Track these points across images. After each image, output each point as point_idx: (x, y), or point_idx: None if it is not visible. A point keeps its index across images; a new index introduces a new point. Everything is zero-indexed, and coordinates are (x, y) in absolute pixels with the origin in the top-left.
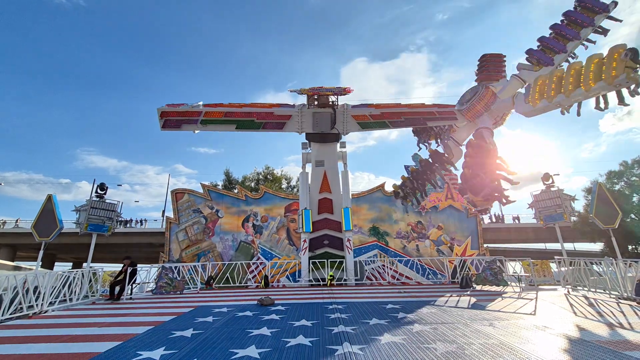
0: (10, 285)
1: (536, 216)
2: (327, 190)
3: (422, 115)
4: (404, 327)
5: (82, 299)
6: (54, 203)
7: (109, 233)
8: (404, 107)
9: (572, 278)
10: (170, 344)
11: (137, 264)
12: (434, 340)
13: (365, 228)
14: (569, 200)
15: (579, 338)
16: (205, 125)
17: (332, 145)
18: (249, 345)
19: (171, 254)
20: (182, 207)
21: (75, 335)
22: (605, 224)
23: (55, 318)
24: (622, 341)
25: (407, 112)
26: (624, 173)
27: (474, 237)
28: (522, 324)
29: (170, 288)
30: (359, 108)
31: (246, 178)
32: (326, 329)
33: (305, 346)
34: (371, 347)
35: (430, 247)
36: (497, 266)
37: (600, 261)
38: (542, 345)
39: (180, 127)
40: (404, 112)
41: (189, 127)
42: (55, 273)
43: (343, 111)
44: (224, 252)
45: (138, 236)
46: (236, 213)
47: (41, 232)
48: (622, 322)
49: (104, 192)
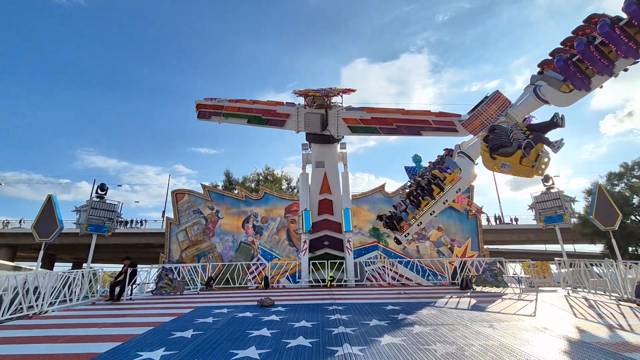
0: (11, 285)
1: (536, 217)
2: (327, 191)
3: (415, 124)
4: (404, 329)
5: (82, 299)
6: (55, 203)
7: (109, 233)
8: (398, 113)
9: (572, 280)
10: (170, 344)
11: (137, 264)
12: (434, 342)
13: (365, 229)
14: (569, 202)
15: (579, 340)
16: (226, 117)
17: (332, 146)
18: (249, 346)
19: (171, 255)
20: (182, 208)
21: (75, 336)
22: (605, 226)
23: (55, 318)
24: (622, 343)
25: (399, 119)
26: (624, 175)
27: (474, 239)
28: (522, 325)
29: (171, 289)
30: (352, 111)
31: (246, 179)
32: (326, 330)
33: (305, 347)
34: (371, 348)
35: (430, 248)
36: (497, 267)
37: (600, 263)
38: (542, 346)
39: (209, 118)
40: (397, 119)
41: (215, 119)
42: (56, 273)
43: (335, 113)
44: (224, 252)
45: (138, 237)
46: (236, 214)
47: (41, 232)
48: (622, 324)
49: (104, 193)
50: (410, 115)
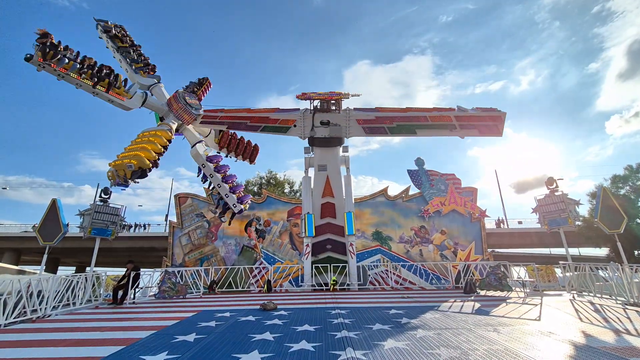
0: (15, 289)
1: (540, 221)
2: (330, 195)
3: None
4: (408, 333)
5: (85, 303)
6: (59, 207)
7: (112, 237)
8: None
9: (577, 283)
10: (173, 348)
11: (140, 268)
12: (437, 346)
13: (368, 232)
14: (574, 205)
15: (585, 344)
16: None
17: (334, 150)
18: (252, 350)
19: (174, 259)
20: (185, 212)
21: (79, 340)
22: (610, 229)
23: (59, 322)
24: (628, 347)
25: (399, 117)
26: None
27: (477, 242)
28: (527, 329)
29: (173, 292)
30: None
31: (249, 182)
32: (329, 334)
33: (308, 351)
34: (374, 352)
35: (433, 251)
36: (501, 271)
37: (605, 266)
38: (548, 351)
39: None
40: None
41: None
42: (59, 277)
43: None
44: (227, 256)
45: (141, 240)
46: (239, 217)
47: (45, 236)
48: (629, 328)
49: (107, 197)
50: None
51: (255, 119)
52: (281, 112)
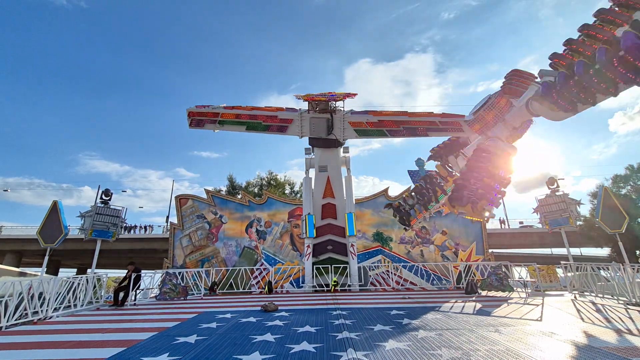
0: (16, 291)
1: (541, 221)
2: (331, 196)
3: (423, 125)
4: (409, 333)
5: (86, 305)
6: (60, 209)
7: (113, 239)
8: (404, 115)
9: (579, 283)
10: (174, 350)
11: (141, 269)
12: (439, 347)
13: (369, 233)
14: (575, 205)
15: (587, 344)
16: (222, 125)
17: (335, 151)
18: (253, 351)
19: (175, 260)
20: (186, 213)
21: (80, 342)
22: (611, 229)
23: (60, 324)
24: (630, 347)
25: (406, 120)
26: (630, 177)
27: (478, 242)
28: (528, 330)
29: (174, 294)
30: (358, 115)
31: (249, 183)
32: (330, 335)
33: (309, 352)
34: (376, 353)
35: (434, 252)
36: (503, 271)
37: (607, 266)
38: (549, 351)
39: (203, 126)
40: (404, 120)
41: (210, 127)
42: (60, 279)
43: (341, 117)
44: (228, 257)
45: (142, 242)
46: (240, 219)
47: (46, 238)
48: (631, 328)
49: (108, 198)
50: (418, 117)
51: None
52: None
